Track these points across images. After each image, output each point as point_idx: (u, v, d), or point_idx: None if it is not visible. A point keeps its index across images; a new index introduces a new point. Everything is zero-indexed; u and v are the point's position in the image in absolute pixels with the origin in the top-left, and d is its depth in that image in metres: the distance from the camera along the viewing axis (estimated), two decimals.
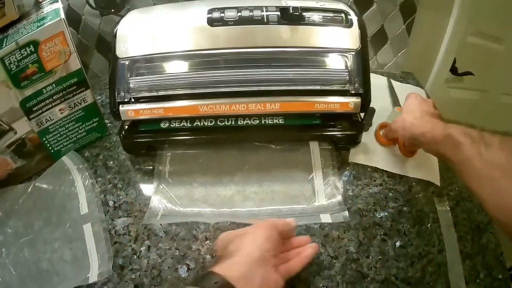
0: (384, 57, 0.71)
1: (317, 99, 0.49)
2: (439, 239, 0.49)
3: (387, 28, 0.66)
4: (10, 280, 0.47)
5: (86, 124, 0.56)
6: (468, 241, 0.49)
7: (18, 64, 0.47)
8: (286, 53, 0.49)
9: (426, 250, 0.48)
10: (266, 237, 0.39)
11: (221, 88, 0.47)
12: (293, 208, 0.49)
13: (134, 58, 0.49)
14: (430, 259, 0.47)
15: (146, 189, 0.52)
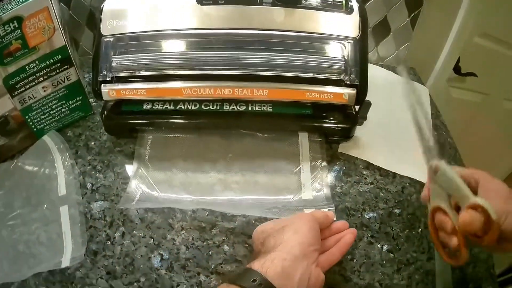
0: (385, 50, 0.66)
1: (308, 88, 0.45)
2: (429, 246, 0.45)
3: (390, 19, 0.61)
4: None
5: (69, 102, 0.53)
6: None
7: (1, 41, 0.44)
8: (279, 37, 0.45)
9: (415, 257, 0.44)
10: (308, 230, 0.36)
11: (206, 71, 0.44)
12: (277, 200, 0.45)
13: (118, 35, 0.45)
14: (418, 266, 0.43)
15: (125, 173, 0.48)
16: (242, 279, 0.31)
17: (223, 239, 0.43)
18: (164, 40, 0.45)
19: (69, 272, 0.42)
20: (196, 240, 0.43)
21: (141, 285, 0.41)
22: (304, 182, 0.46)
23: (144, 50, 0.45)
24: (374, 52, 0.67)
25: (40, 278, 0.42)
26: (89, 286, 0.41)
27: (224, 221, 0.44)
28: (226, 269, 0.41)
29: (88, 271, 0.42)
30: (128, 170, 0.49)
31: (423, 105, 0.59)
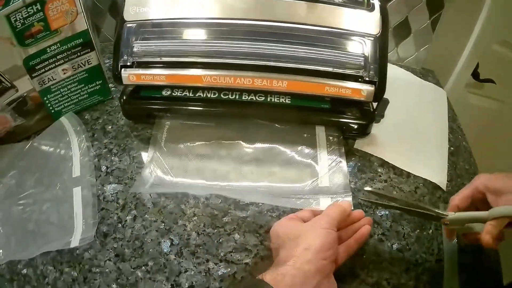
0: (405, 51, 0.66)
1: (327, 82, 0.44)
2: (438, 247, 0.43)
3: (411, 20, 0.61)
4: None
5: (89, 86, 0.53)
6: (467, 254, 0.44)
7: (24, 22, 0.45)
8: (300, 30, 0.44)
9: (424, 258, 0.42)
10: (321, 243, 0.34)
11: (227, 59, 0.43)
12: (292, 188, 0.44)
13: (141, 21, 0.45)
14: (427, 267, 0.42)
15: (141, 157, 0.48)
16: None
17: (234, 227, 0.42)
18: (186, 28, 0.45)
19: (77, 252, 0.42)
20: (207, 227, 0.42)
21: (149, 269, 0.40)
22: (320, 173, 0.45)
23: (165, 37, 0.46)
24: (394, 52, 0.66)
25: (48, 257, 0.42)
26: (96, 268, 0.41)
27: (236, 210, 0.43)
28: (236, 258, 0.41)
29: (97, 252, 0.42)
30: (144, 155, 0.49)
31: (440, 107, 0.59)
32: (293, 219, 0.39)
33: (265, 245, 0.41)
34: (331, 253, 0.35)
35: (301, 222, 0.38)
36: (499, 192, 0.39)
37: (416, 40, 0.63)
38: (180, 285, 0.39)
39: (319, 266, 0.33)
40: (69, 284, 0.40)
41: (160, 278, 0.40)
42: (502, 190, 0.39)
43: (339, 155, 0.47)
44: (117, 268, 0.41)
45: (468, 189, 0.42)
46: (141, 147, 0.49)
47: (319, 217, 0.38)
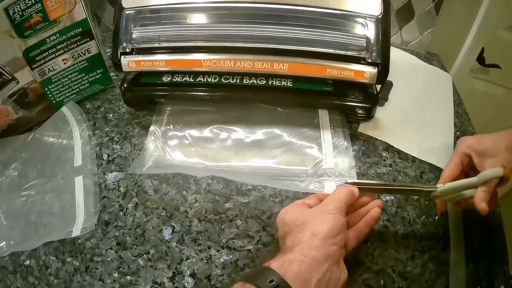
0: (409, 34, 0.63)
1: (329, 64, 0.42)
2: (445, 234, 0.42)
3: (414, 3, 0.58)
4: (0, 230, 0.44)
5: (89, 75, 0.52)
6: (475, 242, 0.42)
7: (22, 14, 0.44)
8: (300, 11, 0.42)
9: (430, 245, 0.41)
10: (328, 229, 0.33)
11: (227, 43, 0.42)
12: (296, 170, 0.43)
13: (139, 8, 0.44)
14: (433, 255, 0.40)
15: (142, 144, 0.47)
16: (259, 278, 0.29)
17: (236, 213, 0.41)
18: (184, 13, 0.43)
19: (79, 242, 0.41)
20: (209, 214, 0.41)
21: (150, 257, 0.39)
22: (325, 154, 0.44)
23: (164, 22, 0.44)
24: (398, 36, 0.64)
25: (50, 248, 0.41)
26: (98, 257, 0.40)
27: (238, 195, 0.42)
28: (238, 244, 0.39)
29: (99, 241, 0.41)
30: (145, 142, 0.47)
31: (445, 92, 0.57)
32: (299, 205, 0.37)
33: (267, 231, 0.40)
34: (340, 239, 0.33)
35: (307, 208, 0.37)
36: (484, 154, 0.40)
37: (420, 23, 0.60)
38: (181, 272, 0.38)
39: (328, 252, 0.31)
40: (71, 274, 0.39)
41: (162, 266, 0.39)
42: (486, 152, 0.40)
43: (344, 137, 0.46)
44: (118, 257, 0.40)
45: (455, 155, 0.42)
46: (142, 134, 0.48)
47: (326, 202, 0.36)
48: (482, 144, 0.41)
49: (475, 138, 0.42)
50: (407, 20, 0.61)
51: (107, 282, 0.38)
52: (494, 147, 0.39)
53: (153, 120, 0.48)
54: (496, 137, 0.41)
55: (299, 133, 0.46)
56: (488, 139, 0.41)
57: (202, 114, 0.47)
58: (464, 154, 0.41)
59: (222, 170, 0.42)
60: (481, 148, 0.40)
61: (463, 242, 0.42)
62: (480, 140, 0.41)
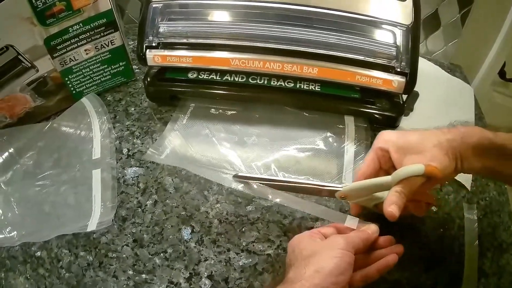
0: (434, 44, 0.63)
1: (359, 70, 0.42)
2: (459, 249, 0.41)
3: (441, 13, 0.58)
4: (11, 217, 0.44)
5: (112, 67, 0.51)
6: (487, 259, 0.41)
7: (45, 1, 0.43)
8: (333, 16, 0.42)
9: (444, 258, 0.40)
10: (332, 268, 0.30)
11: (256, 43, 0.41)
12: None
13: (167, 2, 0.43)
14: (446, 268, 0.39)
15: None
16: None
17: (258, 216, 0.40)
18: (214, 10, 0.43)
19: (94, 236, 0.40)
20: (230, 215, 0.40)
21: (167, 256, 0.38)
22: (346, 166, 0.43)
23: (192, 18, 0.43)
24: (423, 45, 0.63)
25: (63, 240, 0.40)
26: (113, 253, 0.39)
27: (261, 199, 0.41)
28: (257, 248, 0.39)
29: (115, 237, 0.40)
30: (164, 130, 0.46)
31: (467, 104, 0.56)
32: (313, 234, 0.35)
33: (288, 236, 0.39)
34: (343, 279, 0.31)
35: (320, 238, 0.34)
36: (405, 150, 0.34)
37: (445, 34, 0.60)
38: (199, 274, 0.37)
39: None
40: (83, 268, 0.38)
41: (179, 266, 0.38)
42: (409, 147, 0.34)
43: (366, 148, 0.45)
44: (134, 254, 0.39)
45: (370, 151, 0.36)
46: (164, 129, 0.47)
47: (338, 236, 0.34)
48: (404, 138, 0.34)
49: (397, 133, 0.36)
50: (433, 29, 0.60)
51: (121, 279, 0.37)
52: (420, 143, 0.33)
53: (174, 116, 0.47)
54: (425, 134, 0.34)
55: (324, 141, 0.45)
56: (414, 135, 0.34)
57: (226, 113, 0.46)
58: (380, 149, 0.35)
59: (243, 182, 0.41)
60: (402, 142, 0.34)
61: (476, 258, 0.41)
62: (404, 135, 0.35)
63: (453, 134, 0.33)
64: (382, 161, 0.35)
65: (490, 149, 0.32)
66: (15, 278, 0.39)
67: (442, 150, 0.32)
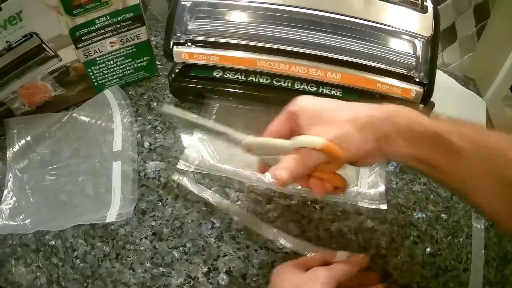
0: (450, 56, 0.67)
1: (379, 79, 0.45)
2: (467, 257, 0.44)
3: (458, 26, 0.62)
4: (26, 205, 0.46)
5: (136, 61, 0.54)
6: (493, 268, 0.44)
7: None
8: (356, 24, 0.45)
9: (452, 265, 0.43)
10: None
11: (283, 46, 0.44)
12: None
13: (197, 0, 0.46)
14: (454, 275, 0.42)
15: (186, 137, 0.49)
16: None
17: (277, 215, 0.43)
18: (242, 11, 0.46)
19: (112, 228, 0.43)
20: (250, 213, 0.43)
21: (186, 250, 0.41)
22: (362, 172, 0.46)
23: (220, 18, 0.46)
24: (439, 57, 0.66)
25: (80, 230, 0.42)
26: (131, 245, 0.41)
27: (280, 198, 0.44)
28: (276, 246, 0.41)
29: (133, 229, 0.42)
30: (189, 135, 0.49)
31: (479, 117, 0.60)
32: (295, 267, 0.35)
33: (306, 235, 0.42)
34: None
35: (303, 270, 0.34)
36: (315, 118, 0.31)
37: (461, 46, 0.64)
38: (217, 268, 0.40)
39: None
40: (99, 259, 0.40)
41: (197, 261, 0.40)
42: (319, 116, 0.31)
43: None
44: (153, 247, 0.41)
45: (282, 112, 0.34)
46: (187, 126, 0.50)
47: (320, 269, 0.33)
48: (319, 106, 0.32)
49: (314, 99, 0.33)
50: (450, 42, 0.64)
51: (138, 271, 0.40)
52: (333, 115, 0.31)
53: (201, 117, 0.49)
54: (343, 106, 0.32)
55: None
56: (331, 104, 0.32)
57: (249, 114, 0.49)
58: (291, 113, 0.33)
59: None
60: (314, 110, 0.32)
61: (482, 266, 0.44)
62: (320, 102, 0.32)
63: (378, 111, 0.30)
64: (293, 124, 0.33)
65: (421, 136, 0.29)
66: (26, 266, 0.40)
67: (356, 126, 0.29)
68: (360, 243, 0.42)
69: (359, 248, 0.42)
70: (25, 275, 0.40)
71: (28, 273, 0.40)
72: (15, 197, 0.46)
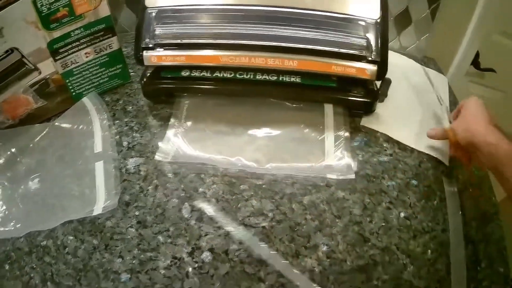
0: (407, 40, 0.75)
1: (334, 61, 0.53)
2: (444, 218, 0.50)
3: (411, 9, 0.70)
4: (16, 213, 0.51)
5: (110, 69, 0.61)
6: (472, 228, 0.51)
7: (50, 7, 0.52)
8: (308, 15, 0.53)
9: (430, 227, 0.49)
10: None
11: (242, 41, 0.52)
12: (301, 166, 0.53)
13: (161, 8, 0.54)
14: (433, 236, 0.48)
15: (161, 133, 0.56)
16: None
17: (251, 194, 0.50)
18: (203, 13, 0.54)
19: (99, 222, 0.48)
20: (226, 194, 0.50)
21: (170, 234, 0.47)
22: (327, 149, 0.53)
23: (184, 21, 0.54)
24: (396, 41, 0.75)
25: (69, 228, 0.48)
26: (118, 235, 0.47)
27: (253, 178, 0.51)
28: (253, 222, 0.48)
29: (119, 220, 0.48)
30: (164, 131, 0.56)
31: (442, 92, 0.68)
32: None
33: (280, 210, 0.49)
34: None
35: None
36: None
37: (417, 29, 0.72)
38: (200, 248, 0.46)
39: None
40: (90, 252, 0.46)
41: (181, 242, 0.46)
42: None
43: (345, 132, 0.56)
44: (138, 234, 0.47)
45: None
46: (161, 124, 0.57)
47: None
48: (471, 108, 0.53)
49: None
50: (405, 25, 0.72)
51: (127, 258, 0.45)
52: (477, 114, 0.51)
53: (173, 114, 0.57)
54: None
55: (306, 129, 0.56)
56: None
57: (218, 107, 0.57)
58: None
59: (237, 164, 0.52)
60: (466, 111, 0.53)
61: (461, 226, 0.50)
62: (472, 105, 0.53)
63: None
64: None
65: None
66: (21, 269, 0.45)
67: None
68: (333, 212, 0.49)
69: (333, 217, 0.48)
70: (20, 278, 0.45)
71: (22, 275, 0.45)
72: (5, 206, 0.52)
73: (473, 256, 0.48)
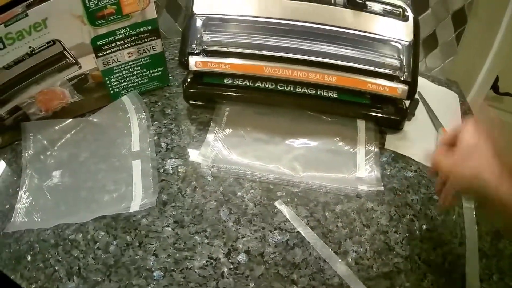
0: (433, 61, 0.82)
1: (369, 79, 0.59)
2: (461, 232, 0.56)
3: (438, 33, 0.77)
4: (44, 204, 0.54)
5: (150, 71, 0.66)
6: (486, 242, 0.56)
7: (98, 3, 0.56)
8: (347, 34, 0.59)
9: (449, 240, 0.55)
10: None
11: (286, 54, 0.58)
12: (334, 177, 0.59)
13: (209, 15, 0.59)
14: (451, 248, 0.54)
15: (201, 137, 0.61)
16: None
17: (287, 200, 0.55)
18: (250, 24, 0.59)
19: (133, 219, 0.51)
20: (263, 199, 0.55)
21: (207, 235, 0.51)
22: (359, 162, 0.60)
23: (230, 30, 0.60)
24: (423, 63, 0.82)
25: (101, 223, 0.51)
26: (153, 233, 0.50)
27: (289, 186, 0.56)
28: (288, 227, 0.53)
29: (155, 219, 0.52)
30: (204, 135, 0.61)
31: None
32: None
33: (314, 217, 0.54)
34: None
35: None
36: None
37: (442, 52, 0.80)
38: (237, 249, 0.50)
39: None
40: (122, 249, 0.48)
41: (218, 243, 0.50)
42: None
43: (375, 147, 0.62)
44: (175, 234, 0.51)
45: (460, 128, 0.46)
46: (200, 128, 0.62)
47: None
48: None
49: None
50: (432, 48, 0.80)
51: (161, 256, 0.48)
52: None
53: (213, 119, 0.63)
54: None
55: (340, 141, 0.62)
56: None
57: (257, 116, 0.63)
58: None
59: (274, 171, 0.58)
60: None
61: (476, 240, 0.55)
62: None
63: None
64: None
65: None
66: (44, 261, 0.47)
67: None
68: (362, 221, 0.54)
69: (362, 226, 0.54)
70: (43, 270, 0.47)
71: (46, 267, 0.47)
72: (31, 197, 0.54)
73: (487, 269, 0.54)
